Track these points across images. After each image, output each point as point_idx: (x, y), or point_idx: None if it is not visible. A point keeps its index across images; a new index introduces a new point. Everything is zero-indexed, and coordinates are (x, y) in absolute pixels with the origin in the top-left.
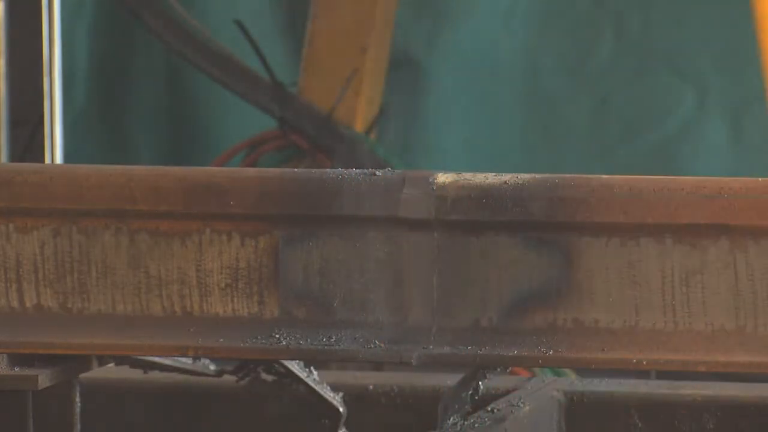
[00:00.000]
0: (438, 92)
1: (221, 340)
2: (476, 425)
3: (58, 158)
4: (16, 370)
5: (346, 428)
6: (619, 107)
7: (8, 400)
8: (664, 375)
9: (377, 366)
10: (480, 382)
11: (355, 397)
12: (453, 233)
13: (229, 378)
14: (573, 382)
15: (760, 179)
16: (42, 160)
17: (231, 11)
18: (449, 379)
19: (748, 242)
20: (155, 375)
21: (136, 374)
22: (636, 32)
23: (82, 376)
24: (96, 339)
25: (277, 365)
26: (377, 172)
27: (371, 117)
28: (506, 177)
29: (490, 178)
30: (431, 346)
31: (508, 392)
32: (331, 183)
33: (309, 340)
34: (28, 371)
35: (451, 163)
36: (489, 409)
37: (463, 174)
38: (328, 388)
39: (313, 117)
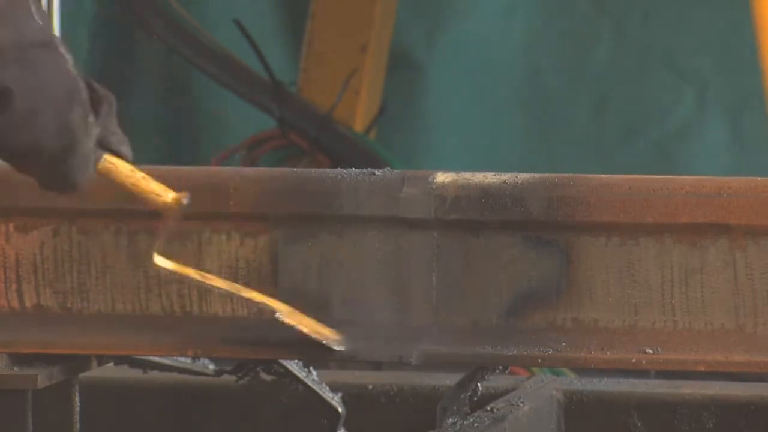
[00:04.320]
0: (438, 92)
1: (220, 339)
2: (475, 425)
3: None
4: (15, 370)
5: (345, 428)
6: (619, 107)
7: (8, 400)
8: (664, 375)
9: (377, 366)
10: (479, 383)
11: (354, 396)
12: (452, 232)
13: (228, 378)
14: (572, 381)
15: (759, 179)
16: None
17: (230, 11)
18: (449, 379)
19: (747, 242)
20: (155, 375)
21: (135, 374)
22: (636, 32)
23: (82, 376)
24: (96, 339)
25: (276, 365)
26: (376, 171)
27: (371, 117)
28: (505, 176)
29: (489, 177)
30: (431, 346)
31: (507, 392)
32: (330, 183)
33: (308, 339)
34: (27, 371)
35: (450, 162)
36: (488, 408)
37: (463, 173)
38: (327, 388)
39: (312, 116)
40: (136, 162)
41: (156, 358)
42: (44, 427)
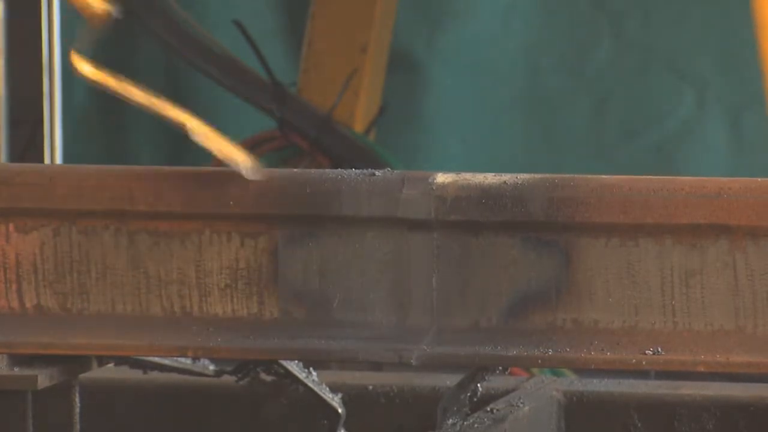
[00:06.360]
0: (438, 92)
1: (220, 340)
2: (476, 425)
3: (58, 158)
4: (15, 370)
5: (345, 429)
6: (619, 107)
7: (8, 400)
8: (663, 375)
9: (377, 366)
10: (479, 384)
11: (354, 397)
12: (452, 233)
13: (228, 378)
14: (572, 382)
15: (759, 179)
16: (42, 160)
17: (230, 11)
18: (449, 380)
19: (747, 242)
20: (155, 375)
21: (135, 374)
22: (636, 32)
23: (82, 376)
24: (96, 339)
25: (276, 366)
26: (376, 172)
27: (371, 117)
28: (505, 177)
29: (489, 178)
30: (431, 346)
31: (507, 393)
32: (330, 183)
33: (308, 340)
34: (27, 371)
35: (450, 163)
36: (488, 409)
37: (463, 174)
38: (327, 388)
39: (312, 117)
40: (137, 162)
41: (156, 359)
42: (44, 428)
